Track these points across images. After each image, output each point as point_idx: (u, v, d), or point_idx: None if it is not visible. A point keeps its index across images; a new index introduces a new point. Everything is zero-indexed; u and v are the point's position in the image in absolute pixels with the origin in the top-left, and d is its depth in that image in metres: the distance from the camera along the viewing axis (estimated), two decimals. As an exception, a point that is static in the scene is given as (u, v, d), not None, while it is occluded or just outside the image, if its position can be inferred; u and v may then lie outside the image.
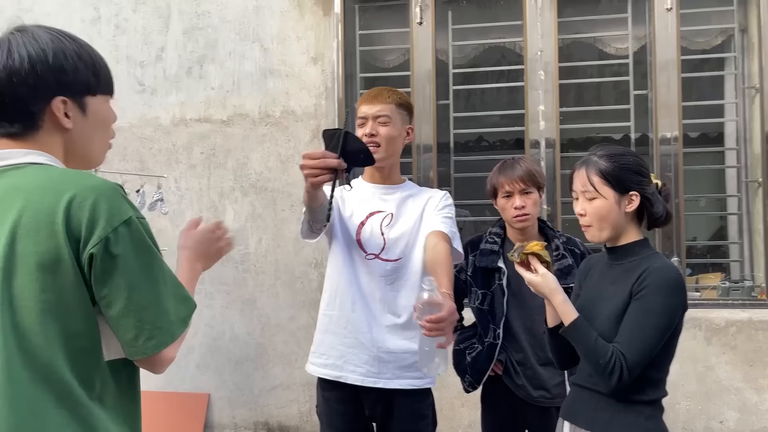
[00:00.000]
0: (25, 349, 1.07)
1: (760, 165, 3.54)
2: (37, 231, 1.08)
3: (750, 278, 3.63)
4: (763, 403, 3.43)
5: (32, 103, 1.14)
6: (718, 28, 3.74)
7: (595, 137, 4.83)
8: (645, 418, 1.71)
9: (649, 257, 1.76)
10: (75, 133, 1.19)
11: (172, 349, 1.16)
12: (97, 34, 4.03)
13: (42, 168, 1.15)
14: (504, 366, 2.45)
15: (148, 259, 1.13)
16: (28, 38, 1.15)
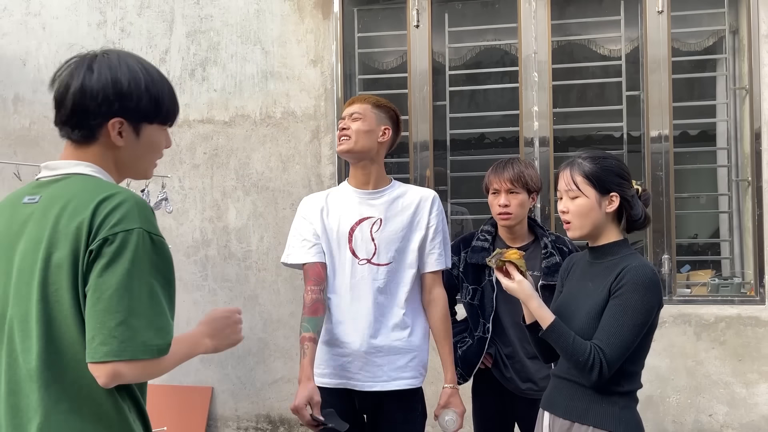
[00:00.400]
0: (59, 342, 1.19)
1: (749, 164, 3.62)
2: (68, 233, 1.20)
3: (740, 275, 3.71)
4: (752, 397, 3.51)
5: (93, 118, 1.28)
6: (709, 30, 3.81)
7: (594, 135, 4.92)
8: (620, 408, 1.80)
9: (627, 257, 1.85)
10: (125, 151, 1.33)
11: (129, 369, 1.16)
12: (102, 37, 4.13)
13: (85, 178, 1.28)
14: (493, 359, 2.54)
15: (133, 271, 1.17)
16: (111, 62, 1.30)
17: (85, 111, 1.27)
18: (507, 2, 3.84)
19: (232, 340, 1.40)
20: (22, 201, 1.30)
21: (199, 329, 1.36)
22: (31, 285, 1.21)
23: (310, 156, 3.93)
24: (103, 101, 1.27)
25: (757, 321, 3.51)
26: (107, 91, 1.27)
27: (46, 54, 4.19)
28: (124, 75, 1.29)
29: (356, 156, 2.20)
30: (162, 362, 1.21)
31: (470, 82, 4.23)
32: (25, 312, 1.21)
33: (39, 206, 1.27)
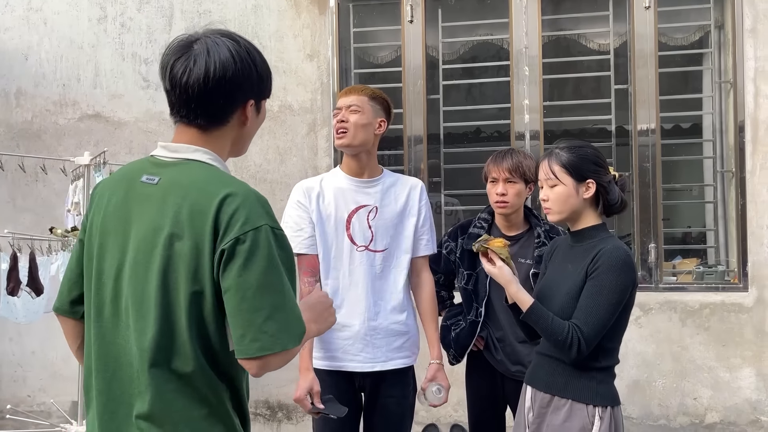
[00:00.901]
0: (173, 327, 1.25)
1: (734, 156, 3.73)
2: (192, 225, 1.23)
3: (724, 263, 3.83)
4: (735, 381, 3.63)
5: (235, 101, 1.31)
6: (695, 25, 3.91)
7: (584, 129, 5.02)
8: (597, 382, 1.91)
9: (604, 239, 1.96)
10: (247, 129, 1.37)
11: (277, 359, 1.21)
12: (103, 32, 4.22)
13: (204, 167, 1.31)
14: (485, 342, 2.64)
15: (268, 267, 1.21)
16: (242, 46, 1.32)
17: (233, 98, 1.29)
18: (499, -2, 3.94)
19: (330, 322, 1.45)
20: (140, 179, 1.32)
21: (304, 316, 1.38)
22: (150, 269, 1.25)
23: (307, 148, 4.02)
24: (248, 87, 1.30)
25: (740, 307, 3.63)
26: (252, 75, 1.30)
27: (48, 49, 4.27)
28: (257, 58, 1.32)
29: (354, 149, 2.27)
30: (298, 348, 1.26)
31: (463, 77, 4.33)
32: (142, 293, 1.26)
33: (158, 189, 1.28)
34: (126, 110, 4.20)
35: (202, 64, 1.27)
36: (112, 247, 1.31)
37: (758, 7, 3.63)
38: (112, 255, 1.31)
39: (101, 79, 4.24)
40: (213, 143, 1.32)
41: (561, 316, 1.90)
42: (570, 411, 1.89)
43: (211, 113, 1.30)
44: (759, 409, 3.61)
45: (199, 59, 1.27)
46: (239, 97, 1.30)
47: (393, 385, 2.25)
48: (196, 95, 1.28)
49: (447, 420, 3.87)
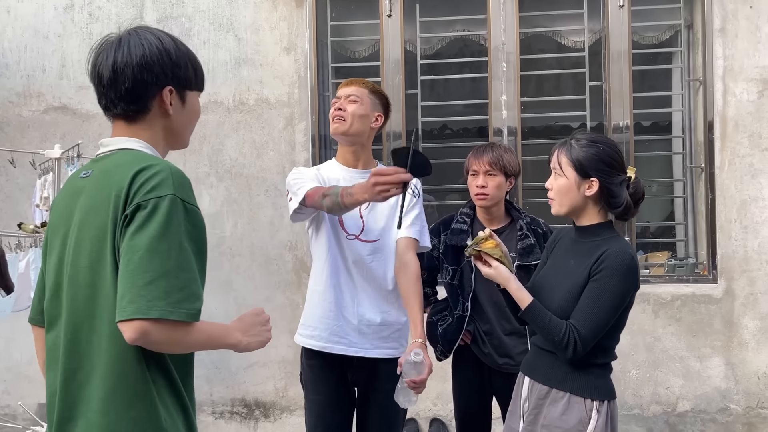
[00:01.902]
0: (100, 308, 1.25)
1: (703, 152, 3.83)
2: (111, 205, 1.25)
3: (693, 256, 3.94)
4: (705, 370, 3.75)
5: (150, 89, 1.34)
6: (666, 24, 4.01)
7: (553, 125, 5.10)
8: (595, 377, 1.93)
9: (609, 240, 1.92)
10: (174, 119, 1.40)
11: (157, 329, 1.16)
12: (70, 22, 4.07)
13: (131, 153, 1.34)
14: (472, 336, 2.66)
15: (164, 233, 1.19)
16: (155, 35, 1.37)
17: (144, 83, 1.33)
18: (476, -6, 3.96)
19: (262, 338, 1.40)
20: (79, 176, 1.38)
21: (231, 323, 1.38)
22: (81, 254, 1.27)
23: (284, 143, 3.97)
24: (159, 72, 1.33)
25: (709, 299, 3.74)
26: (162, 61, 1.33)
27: (11, 38, 4.10)
28: (170, 45, 1.36)
29: (349, 139, 2.25)
30: (190, 332, 1.21)
31: (441, 72, 4.33)
32: (77, 279, 1.27)
33: (91, 180, 1.33)
34: (94, 102, 3.98)
35: (112, 53, 1.33)
36: (55, 245, 1.35)
37: (727, 7, 3.74)
38: (55, 252, 1.34)
39: (68, 69, 4.10)
40: (142, 133, 1.36)
41: (560, 313, 1.89)
42: (568, 404, 1.90)
43: (126, 99, 1.33)
44: (728, 397, 3.73)
45: (111, 50, 1.35)
46: (151, 82, 1.33)
47: (385, 379, 2.24)
48: (107, 83, 1.34)
49: (426, 414, 3.88)
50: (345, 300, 2.22)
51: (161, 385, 1.26)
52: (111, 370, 1.23)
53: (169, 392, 1.27)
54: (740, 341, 3.72)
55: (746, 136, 3.73)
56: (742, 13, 3.73)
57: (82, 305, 1.27)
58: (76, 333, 1.27)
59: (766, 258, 3.71)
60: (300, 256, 3.95)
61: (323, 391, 2.22)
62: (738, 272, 3.73)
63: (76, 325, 1.27)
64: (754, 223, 3.72)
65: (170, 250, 1.19)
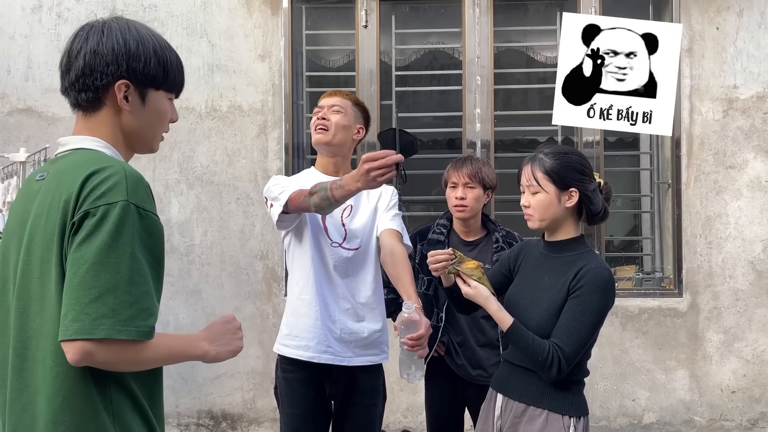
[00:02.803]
0: (46, 320, 1.16)
1: (670, 168, 3.92)
2: (61, 209, 1.16)
3: (660, 270, 4.02)
4: (670, 383, 3.81)
5: (100, 78, 1.25)
6: (636, 43, 4.09)
7: (521, 139, 5.16)
8: (572, 393, 1.92)
9: (585, 255, 1.92)
10: (131, 118, 1.29)
11: (103, 350, 1.08)
12: (37, 23, 3.98)
13: (87, 152, 1.26)
14: (446, 347, 2.66)
15: (113, 245, 1.10)
16: (121, 26, 1.28)
17: (93, 71, 1.25)
18: (452, 7, 3.99)
19: (233, 347, 1.32)
20: (35, 178, 1.30)
21: (197, 333, 1.30)
22: (32, 264, 1.19)
23: (257, 150, 3.93)
24: (111, 62, 1.25)
25: (675, 312, 3.82)
26: (116, 51, 1.25)
27: (-25, 37, 3.98)
28: (133, 37, 1.27)
29: (331, 149, 2.24)
30: (144, 350, 1.12)
31: (415, 83, 4.35)
32: (28, 289, 1.19)
33: (45, 183, 1.24)
34: (61, 105, 3.95)
35: (73, 39, 1.28)
36: (12, 252, 1.26)
37: (695, 28, 3.84)
38: (12, 260, 1.25)
39: (34, 71, 3.99)
40: (99, 130, 1.28)
41: (539, 331, 1.87)
42: (546, 421, 1.88)
43: (76, 87, 1.26)
44: (692, 410, 3.80)
45: (74, 37, 1.29)
46: (101, 72, 1.24)
47: (363, 392, 2.22)
48: (63, 68, 1.29)
49: (396, 426, 3.87)
50: (329, 308, 2.19)
51: (120, 404, 1.17)
52: (57, 391, 1.14)
53: (132, 411, 1.18)
54: (704, 354, 3.80)
55: (711, 153, 3.83)
56: (709, 34, 3.84)
57: (32, 319, 1.17)
58: (24, 349, 1.18)
59: (729, 273, 3.80)
60: (271, 265, 3.90)
61: (300, 404, 2.18)
62: (703, 287, 3.81)
63: (25, 341, 1.18)
64: (718, 239, 3.82)
65: (119, 263, 1.10)
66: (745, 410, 3.80)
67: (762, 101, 3.82)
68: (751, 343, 3.79)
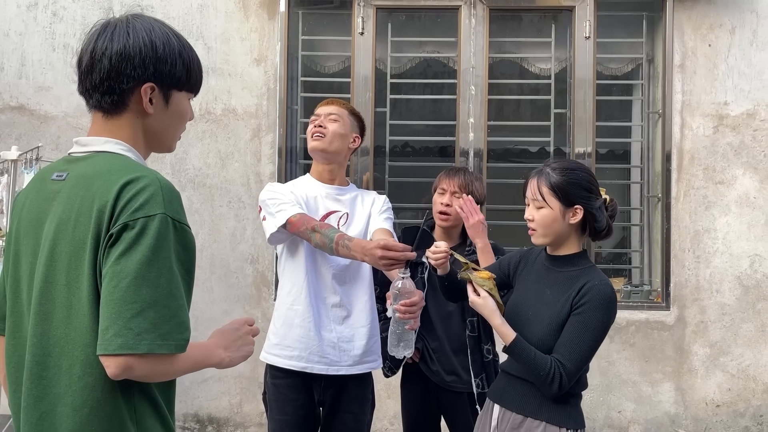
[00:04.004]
0: (74, 329, 1.15)
1: (660, 182, 3.96)
2: (93, 218, 1.14)
3: (648, 283, 4.05)
4: (656, 395, 3.84)
5: (127, 82, 1.23)
6: (629, 57, 4.14)
7: (512, 149, 5.19)
8: (570, 406, 1.91)
9: (587, 271, 1.92)
10: (155, 119, 1.28)
11: (142, 364, 1.09)
12: (32, 20, 3.96)
13: (113, 156, 1.24)
14: (421, 353, 2.68)
15: (154, 259, 1.10)
16: (145, 26, 1.26)
17: (120, 74, 1.22)
18: (448, 16, 4.02)
19: (244, 352, 1.34)
20: (50, 177, 1.26)
21: (211, 340, 1.31)
22: (57, 270, 1.16)
23: (250, 154, 3.93)
24: (139, 64, 1.22)
25: (662, 325, 3.84)
26: (143, 53, 1.22)
27: (-32, 33, 3.96)
28: (159, 38, 1.25)
29: (327, 157, 2.25)
30: (176, 362, 1.14)
31: (410, 91, 4.37)
32: (52, 295, 1.17)
33: (66, 184, 1.21)
34: (54, 104, 3.96)
35: (94, 39, 1.24)
36: (25, 252, 1.23)
37: (687, 44, 3.89)
38: (26, 260, 1.23)
39: (28, 69, 3.98)
40: (120, 131, 1.26)
41: (540, 345, 1.87)
42: None
43: (100, 90, 1.23)
44: (677, 422, 3.83)
45: (95, 35, 1.25)
46: (128, 75, 1.22)
47: (352, 399, 2.22)
48: (85, 69, 1.24)
49: (383, 433, 3.86)
50: (324, 317, 2.19)
51: (143, 412, 1.18)
52: (84, 401, 1.13)
53: (152, 417, 1.19)
54: (690, 368, 3.83)
55: (701, 169, 3.87)
56: (701, 50, 3.88)
57: (55, 327, 1.16)
58: (45, 357, 1.16)
59: (716, 287, 3.84)
60: (261, 270, 3.90)
61: (289, 411, 2.17)
62: (690, 300, 3.84)
63: (46, 348, 1.16)
64: (706, 253, 3.85)
65: (159, 277, 1.10)
66: (729, 424, 3.82)
67: (752, 118, 3.86)
68: (737, 357, 3.82)
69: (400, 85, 4.17)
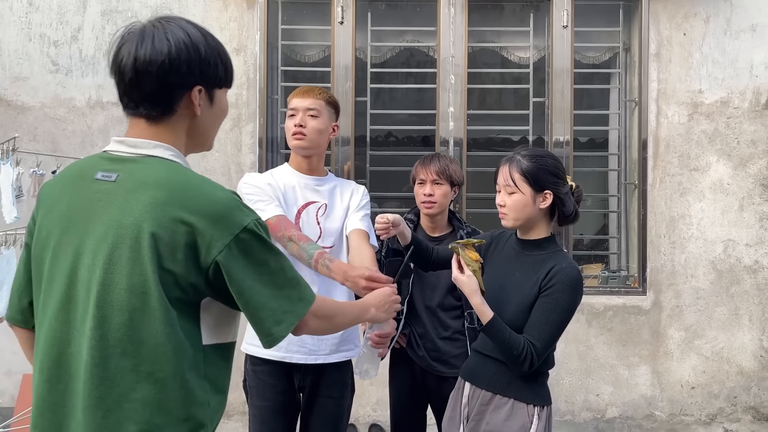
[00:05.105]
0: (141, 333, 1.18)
1: (637, 169, 4.02)
2: (169, 231, 1.17)
3: (625, 269, 4.12)
4: (633, 378, 3.92)
5: (177, 89, 1.24)
6: (606, 46, 4.19)
7: (495, 138, 5.23)
8: (538, 384, 2.00)
9: (555, 254, 2.00)
10: (200, 120, 1.29)
11: (308, 321, 1.32)
12: (8, 10, 3.91)
13: (167, 164, 1.24)
14: (407, 339, 2.73)
15: (264, 258, 1.23)
16: (181, 29, 1.24)
17: (170, 84, 1.22)
18: (428, 6, 4.03)
19: (388, 314, 1.71)
20: (93, 176, 1.24)
21: (367, 299, 1.65)
22: (116, 273, 1.17)
23: (231, 144, 3.93)
24: (186, 71, 1.23)
25: (639, 310, 3.92)
26: (191, 60, 1.22)
27: (-59, 22, 3.90)
28: (200, 41, 1.25)
29: (308, 152, 2.26)
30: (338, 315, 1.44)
31: (390, 80, 4.38)
32: (111, 299, 1.18)
33: (119, 186, 1.21)
34: (31, 94, 3.92)
35: (134, 49, 1.21)
36: (65, 251, 1.22)
37: (662, 33, 3.94)
38: (65, 258, 1.22)
39: (3, 59, 3.93)
40: (165, 135, 1.26)
41: (510, 326, 1.93)
42: (512, 410, 1.95)
43: (150, 100, 1.23)
44: (653, 404, 3.91)
45: (133, 44, 1.22)
46: (179, 82, 1.23)
47: (332, 385, 2.25)
48: (130, 79, 1.23)
49: (366, 420, 3.91)
50: None
51: (209, 398, 1.25)
52: (154, 395, 1.19)
53: (217, 401, 1.29)
54: (666, 351, 3.91)
55: (676, 156, 3.94)
56: (676, 39, 3.94)
57: (115, 329, 1.18)
58: (106, 358, 1.18)
59: (691, 272, 3.92)
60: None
61: (270, 397, 2.20)
62: (665, 285, 3.92)
63: (106, 350, 1.18)
64: (681, 239, 3.93)
65: (275, 267, 1.26)
66: (704, 405, 3.92)
67: (725, 106, 3.93)
68: (711, 340, 3.91)
69: (380, 74, 4.19)
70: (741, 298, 3.91)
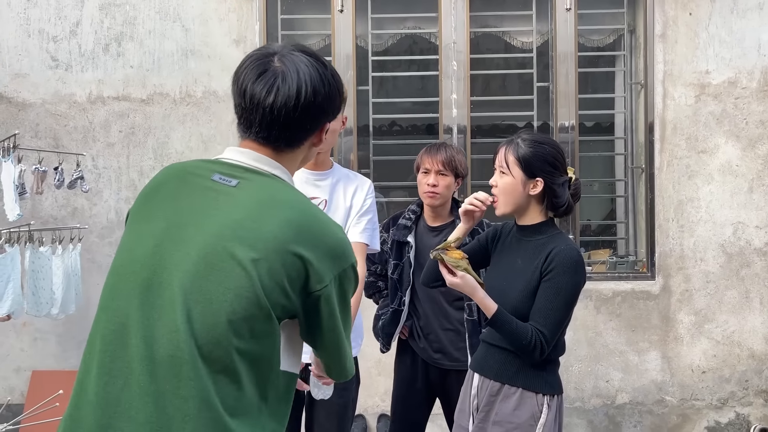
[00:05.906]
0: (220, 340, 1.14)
1: (643, 153, 3.97)
2: (280, 259, 1.16)
3: (633, 254, 4.08)
4: (643, 364, 3.89)
5: (311, 129, 1.28)
6: (611, 29, 4.12)
7: (500, 124, 5.19)
8: (547, 372, 1.98)
9: (554, 237, 1.98)
10: (315, 150, 1.37)
11: None
12: (6, 6, 3.89)
13: (287, 188, 1.26)
14: (410, 330, 2.72)
15: (348, 304, 1.27)
16: (313, 67, 1.26)
17: (302, 127, 1.26)
18: (428, -8, 3.98)
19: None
20: (210, 176, 1.23)
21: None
22: (227, 276, 1.14)
23: (233, 137, 3.89)
24: (320, 113, 1.27)
25: (648, 295, 3.88)
26: (323, 102, 1.26)
27: (-60, 20, 3.89)
28: (324, 77, 1.27)
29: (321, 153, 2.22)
30: None
31: (392, 68, 4.34)
32: (209, 299, 1.14)
33: (239, 193, 1.20)
34: (31, 91, 3.91)
35: (293, 87, 1.22)
36: (167, 240, 1.19)
37: (668, 14, 3.87)
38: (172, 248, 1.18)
39: (3, 56, 3.91)
40: (287, 161, 1.29)
41: (515, 313, 1.92)
42: (520, 399, 1.93)
43: (293, 138, 1.26)
44: (663, 390, 3.88)
45: (288, 80, 1.22)
46: (322, 121, 1.28)
47: None
48: (283, 119, 1.23)
49: (374, 410, 3.90)
50: None
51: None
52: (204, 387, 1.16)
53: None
54: (675, 336, 3.88)
55: (684, 138, 3.88)
56: (682, 19, 3.87)
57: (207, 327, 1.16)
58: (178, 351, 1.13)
59: (700, 256, 3.87)
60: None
61: None
62: (674, 269, 3.88)
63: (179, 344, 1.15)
64: (689, 222, 3.88)
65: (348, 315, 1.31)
66: (715, 390, 3.89)
67: (733, 86, 3.87)
68: (721, 324, 3.87)
69: (382, 62, 4.14)
70: (752, 280, 3.87)
